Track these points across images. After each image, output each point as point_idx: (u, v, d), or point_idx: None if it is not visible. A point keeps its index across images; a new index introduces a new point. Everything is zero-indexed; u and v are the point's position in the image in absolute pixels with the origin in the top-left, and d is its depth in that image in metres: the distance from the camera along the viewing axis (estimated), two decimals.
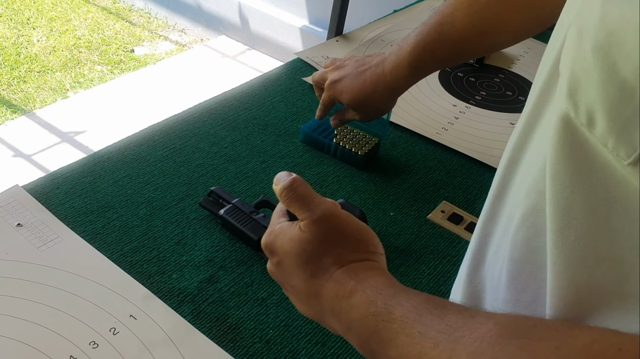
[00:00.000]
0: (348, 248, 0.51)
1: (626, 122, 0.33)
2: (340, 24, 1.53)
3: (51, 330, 0.71)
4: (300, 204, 0.52)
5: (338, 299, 0.48)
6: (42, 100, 2.92)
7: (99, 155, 1.00)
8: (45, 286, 0.76)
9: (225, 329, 0.76)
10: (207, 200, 0.92)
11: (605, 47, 0.33)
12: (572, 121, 0.36)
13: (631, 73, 0.32)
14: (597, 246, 0.37)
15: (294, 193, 0.52)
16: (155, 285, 0.80)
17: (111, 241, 0.85)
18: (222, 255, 0.86)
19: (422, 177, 1.07)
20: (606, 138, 0.34)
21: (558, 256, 0.39)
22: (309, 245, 0.51)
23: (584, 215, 0.37)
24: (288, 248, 0.52)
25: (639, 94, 0.31)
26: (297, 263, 0.51)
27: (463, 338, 0.39)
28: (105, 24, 3.63)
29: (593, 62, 0.34)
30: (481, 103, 1.31)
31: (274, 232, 0.54)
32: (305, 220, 0.51)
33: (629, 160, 0.33)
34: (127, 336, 0.72)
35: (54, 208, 0.88)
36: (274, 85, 1.25)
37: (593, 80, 0.34)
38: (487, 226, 0.52)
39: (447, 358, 0.39)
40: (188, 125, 1.10)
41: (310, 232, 0.51)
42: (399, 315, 0.44)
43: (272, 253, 0.54)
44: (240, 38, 3.61)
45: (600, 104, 0.34)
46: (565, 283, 0.39)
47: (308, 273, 0.51)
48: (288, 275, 0.53)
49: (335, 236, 0.51)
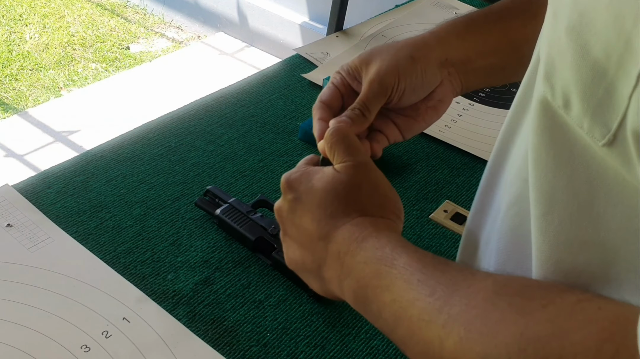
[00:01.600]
0: (376, 202, 0.52)
1: (599, 103, 0.33)
2: (341, 19, 1.53)
3: (41, 333, 0.71)
4: (346, 146, 0.53)
5: (350, 241, 0.49)
6: (34, 98, 2.92)
7: (91, 153, 0.99)
8: (35, 288, 0.76)
9: (222, 332, 0.76)
10: (203, 199, 0.91)
11: (577, 27, 0.33)
12: (550, 104, 0.37)
13: (601, 53, 0.32)
14: (580, 231, 0.37)
15: (342, 135, 0.54)
16: (149, 287, 0.79)
17: (104, 242, 0.84)
18: (218, 256, 0.85)
19: (424, 176, 1.06)
20: (581, 120, 0.35)
21: (543, 241, 0.40)
22: (341, 185, 0.51)
23: (566, 199, 0.38)
24: (316, 184, 0.52)
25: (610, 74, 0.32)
26: (321, 200, 0.51)
27: (459, 291, 0.40)
28: (99, 21, 3.63)
29: (567, 43, 0.34)
30: (485, 100, 1.31)
31: (300, 171, 0.54)
32: (344, 163, 0.52)
33: (604, 140, 0.33)
34: (120, 340, 0.72)
35: (45, 208, 0.87)
36: (272, 81, 1.25)
37: (567, 61, 0.34)
38: (476, 218, 0.53)
39: (440, 306, 0.40)
40: (184, 123, 1.09)
41: (347, 174, 0.52)
42: (402, 262, 0.45)
43: (291, 188, 0.54)
44: (238, 35, 3.61)
45: (574, 85, 0.34)
46: (551, 269, 0.40)
47: (328, 212, 0.51)
48: (300, 212, 0.53)
49: (368, 187, 0.52)
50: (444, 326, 0.39)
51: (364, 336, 0.77)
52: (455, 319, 0.39)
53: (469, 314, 0.39)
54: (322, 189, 0.52)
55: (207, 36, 3.68)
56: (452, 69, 0.66)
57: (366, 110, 0.61)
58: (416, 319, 0.42)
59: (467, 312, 0.39)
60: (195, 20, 3.74)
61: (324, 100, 0.64)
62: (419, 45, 0.65)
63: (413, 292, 0.42)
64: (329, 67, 1.28)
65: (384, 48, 0.65)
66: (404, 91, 0.63)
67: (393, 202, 0.54)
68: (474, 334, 0.38)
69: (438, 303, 0.40)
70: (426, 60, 0.64)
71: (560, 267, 0.39)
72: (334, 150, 0.54)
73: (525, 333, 0.35)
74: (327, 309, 0.80)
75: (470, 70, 0.67)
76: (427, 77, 0.65)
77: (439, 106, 0.67)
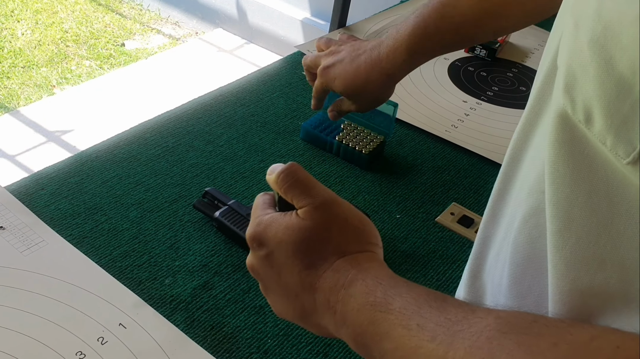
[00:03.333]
0: (350, 238, 0.51)
1: (624, 120, 0.33)
2: (344, 15, 1.53)
3: (35, 339, 0.71)
4: (301, 190, 0.51)
5: (337, 289, 0.48)
6: (26, 97, 2.92)
7: (86, 154, 1.00)
8: (29, 293, 0.76)
9: (221, 339, 0.76)
10: (201, 201, 0.92)
11: (602, 40, 0.33)
12: (569, 118, 0.37)
13: (628, 69, 0.32)
14: (598, 249, 0.37)
15: (294, 178, 0.52)
16: (146, 292, 0.79)
17: (99, 246, 0.85)
18: (217, 260, 0.85)
19: (430, 177, 1.06)
20: (604, 136, 0.34)
21: (559, 258, 0.39)
22: (309, 233, 0.50)
23: (584, 216, 0.37)
24: (284, 237, 0.51)
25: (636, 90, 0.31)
26: (295, 253, 0.50)
27: (461, 332, 0.39)
28: (94, 17, 3.64)
29: (589, 56, 0.34)
30: (493, 99, 1.31)
31: (263, 222, 0.52)
32: (305, 207, 0.51)
33: (628, 159, 0.33)
34: (116, 346, 0.72)
35: (39, 210, 0.88)
36: (273, 80, 1.25)
37: (589, 75, 0.34)
38: (488, 227, 0.53)
39: (444, 351, 0.39)
40: (181, 123, 1.10)
41: (312, 219, 0.50)
42: (397, 306, 0.44)
43: (260, 244, 0.52)
44: (237, 31, 3.61)
45: (597, 100, 0.34)
46: (567, 287, 0.39)
47: (305, 263, 0.50)
48: (277, 267, 0.51)
49: (337, 225, 0.51)
50: None
51: None
52: None
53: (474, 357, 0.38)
54: (292, 242, 0.50)
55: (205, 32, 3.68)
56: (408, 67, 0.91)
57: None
58: None
59: (472, 355, 0.38)
60: (193, 16, 3.75)
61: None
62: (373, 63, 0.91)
63: (414, 339, 0.41)
64: None
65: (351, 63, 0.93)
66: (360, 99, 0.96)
67: (367, 232, 0.52)
68: None
69: (441, 348, 0.40)
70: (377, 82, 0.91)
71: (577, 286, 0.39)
72: (290, 196, 0.52)
73: None
74: None
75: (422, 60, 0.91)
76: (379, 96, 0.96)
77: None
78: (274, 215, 0.53)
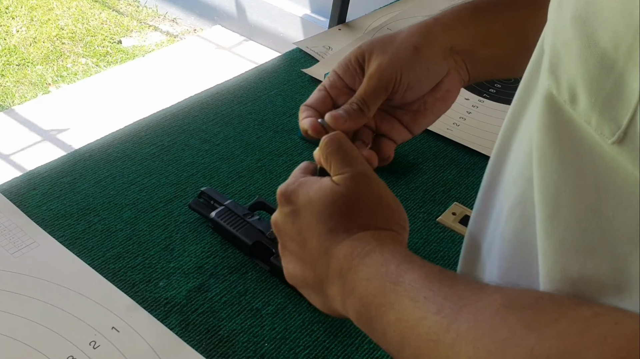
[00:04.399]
0: (379, 214, 0.52)
1: (608, 97, 0.32)
2: (343, 12, 1.53)
3: (25, 343, 0.70)
4: (341, 157, 0.53)
5: (352, 257, 0.49)
6: (21, 95, 2.92)
7: (79, 153, 0.99)
8: (19, 296, 0.75)
9: (216, 343, 0.75)
10: (197, 201, 0.91)
11: (584, 16, 0.33)
12: (555, 99, 0.37)
13: (610, 43, 0.31)
14: (588, 236, 0.37)
15: (337, 145, 0.53)
16: (140, 294, 0.79)
17: (92, 247, 0.84)
18: (213, 262, 0.85)
19: (431, 177, 1.06)
20: (589, 116, 0.34)
21: (548, 246, 0.39)
22: (340, 199, 0.51)
23: (573, 202, 0.37)
24: (314, 197, 0.52)
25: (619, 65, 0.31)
26: (320, 214, 0.51)
27: (467, 306, 0.40)
28: (90, 13, 3.63)
29: (572, 33, 0.34)
30: (496, 96, 1.30)
31: (297, 182, 0.54)
32: (343, 174, 0.52)
33: (614, 138, 0.33)
34: (108, 350, 0.71)
35: (30, 211, 0.87)
36: (271, 77, 1.25)
37: (573, 52, 0.34)
38: (478, 221, 0.53)
39: (447, 324, 0.40)
40: (177, 121, 1.09)
41: (346, 187, 0.51)
42: (408, 279, 0.45)
43: (288, 200, 0.53)
44: (236, 28, 3.61)
45: (580, 78, 0.34)
46: (557, 276, 0.39)
47: (328, 227, 0.51)
48: (299, 226, 0.52)
49: (370, 199, 0.52)
50: (452, 346, 0.39)
51: (367, 346, 0.77)
52: (464, 337, 0.39)
53: (477, 331, 0.38)
54: (321, 203, 0.51)
55: (203, 29, 3.68)
56: (458, 58, 0.65)
57: (364, 105, 0.60)
58: (424, 339, 0.41)
59: (475, 329, 0.38)
60: (191, 12, 3.75)
61: (310, 104, 0.64)
62: (422, 33, 0.64)
63: (419, 310, 0.42)
64: (330, 62, 1.28)
65: (385, 39, 0.64)
66: (408, 84, 0.62)
67: (397, 213, 0.53)
68: (483, 352, 0.37)
69: (445, 320, 0.40)
70: (430, 49, 0.63)
71: (567, 274, 0.39)
72: (329, 161, 0.53)
73: (536, 349, 0.34)
74: (328, 318, 0.80)
75: (475, 60, 0.66)
76: (432, 67, 0.63)
77: (447, 97, 0.65)
78: (311, 177, 0.54)
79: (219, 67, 3.28)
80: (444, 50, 0.64)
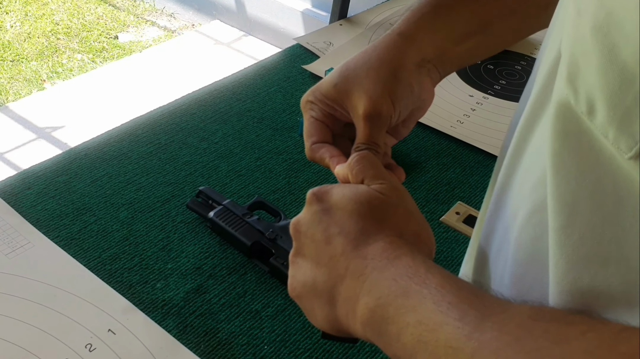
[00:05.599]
0: (412, 229, 0.51)
1: (627, 112, 0.32)
2: (345, 6, 1.53)
3: (20, 346, 0.71)
4: (377, 171, 0.54)
5: (381, 258, 0.48)
6: (15, 92, 2.92)
7: (75, 151, 0.99)
8: (13, 298, 0.76)
9: (215, 345, 0.76)
10: (195, 201, 0.91)
11: (605, 28, 0.33)
12: (572, 109, 0.36)
13: (631, 57, 0.31)
14: (602, 247, 0.37)
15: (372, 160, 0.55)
16: (136, 296, 0.79)
17: (88, 248, 0.84)
18: (211, 262, 0.85)
19: (434, 175, 1.06)
20: (606, 129, 0.34)
21: (560, 256, 0.39)
22: (378, 202, 0.51)
23: (589, 211, 0.37)
24: (349, 194, 0.52)
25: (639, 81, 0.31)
26: (353, 212, 0.51)
27: (492, 316, 0.39)
28: (85, 8, 3.63)
29: (592, 44, 0.34)
30: (501, 93, 1.30)
31: (331, 185, 0.54)
32: (381, 184, 0.52)
33: (630, 153, 0.33)
34: (104, 353, 0.71)
35: (25, 211, 0.87)
36: (271, 73, 1.25)
37: (592, 64, 0.34)
38: (490, 223, 0.53)
39: (469, 331, 0.39)
40: (175, 119, 1.09)
41: (384, 194, 0.52)
42: (435, 283, 0.44)
43: (320, 199, 0.53)
44: (235, 23, 3.61)
45: (600, 91, 0.33)
46: (567, 287, 0.39)
47: (360, 226, 0.50)
48: (326, 224, 0.52)
49: (405, 211, 0.52)
50: (472, 355, 0.39)
51: (369, 348, 0.77)
52: (486, 346, 0.38)
53: (500, 341, 0.38)
54: (356, 201, 0.51)
55: (202, 24, 3.68)
56: (430, 65, 0.65)
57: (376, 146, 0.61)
58: (442, 345, 0.41)
59: (498, 339, 0.38)
60: (189, 7, 3.75)
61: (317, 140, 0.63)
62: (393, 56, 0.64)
63: (442, 315, 0.41)
64: (331, 58, 1.28)
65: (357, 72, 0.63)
66: (400, 112, 0.64)
67: (426, 233, 0.53)
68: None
69: (467, 328, 0.39)
70: (406, 70, 0.64)
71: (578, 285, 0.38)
72: (361, 177, 0.53)
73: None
74: None
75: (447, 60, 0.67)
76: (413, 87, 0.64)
77: (424, 105, 0.67)
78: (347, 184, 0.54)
79: (218, 63, 3.28)
80: (417, 65, 0.65)
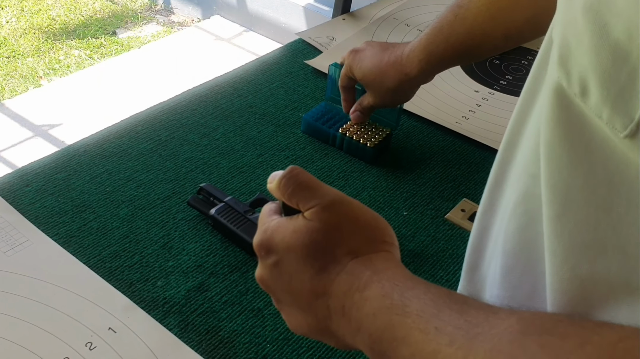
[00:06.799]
0: (362, 238, 0.50)
1: (621, 89, 0.32)
2: (347, 1, 1.53)
3: (19, 345, 0.71)
4: (306, 193, 0.51)
5: (351, 293, 0.48)
6: (11, 89, 2.92)
7: (74, 148, 1.00)
8: (12, 296, 0.76)
9: (217, 344, 0.76)
10: (196, 198, 0.92)
11: (595, 6, 0.33)
12: (565, 92, 0.37)
13: (623, 34, 0.32)
14: (599, 234, 0.37)
15: (296, 182, 0.52)
16: (137, 294, 0.80)
17: (88, 245, 0.85)
18: (213, 260, 0.86)
19: (439, 172, 1.06)
20: (600, 109, 0.34)
21: (557, 245, 0.39)
22: (319, 234, 0.50)
23: (583, 199, 0.37)
24: (292, 241, 0.50)
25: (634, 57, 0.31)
26: (304, 257, 0.50)
27: (481, 334, 0.39)
28: (83, 3, 3.64)
29: (583, 25, 0.34)
30: (506, 88, 1.31)
31: (269, 229, 0.52)
32: (312, 209, 0.50)
33: (626, 131, 0.33)
34: (105, 352, 0.72)
35: (23, 208, 0.88)
36: (272, 69, 1.25)
37: (584, 44, 0.34)
38: (485, 218, 0.53)
39: (463, 355, 0.39)
40: (175, 115, 1.10)
41: (320, 220, 0.50)
42: (415, 309, 0.44)
43: (268, 251, 0.52)
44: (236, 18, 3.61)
45: (592, 71, 0.34)
46: (566, 275, 0.39)
47: (316, 267, 0.50)
48: (287, 275, 0.51)
49: (348, 224, 0.50)
50: None
51: None
52: None
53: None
54: (301, 245, 0.50)
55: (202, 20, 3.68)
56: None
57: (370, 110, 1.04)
58: None
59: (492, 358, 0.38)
60: (189, 2, 3.75)
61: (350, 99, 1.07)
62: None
63: (432, 343, 0.41)
64: (334, 53, 1.28)
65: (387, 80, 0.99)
66: None
67: (379, 231, 0.52)
68: None
69: (460, 352, 0.39)
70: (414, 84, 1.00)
71: (576, 274, 0.39)
72: (295, 200, 0.52)
73: None
74: None
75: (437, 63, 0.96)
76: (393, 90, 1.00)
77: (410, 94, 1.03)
78: (280, 220, 0.52)
79: (218, 58, 3.28)
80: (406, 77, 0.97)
